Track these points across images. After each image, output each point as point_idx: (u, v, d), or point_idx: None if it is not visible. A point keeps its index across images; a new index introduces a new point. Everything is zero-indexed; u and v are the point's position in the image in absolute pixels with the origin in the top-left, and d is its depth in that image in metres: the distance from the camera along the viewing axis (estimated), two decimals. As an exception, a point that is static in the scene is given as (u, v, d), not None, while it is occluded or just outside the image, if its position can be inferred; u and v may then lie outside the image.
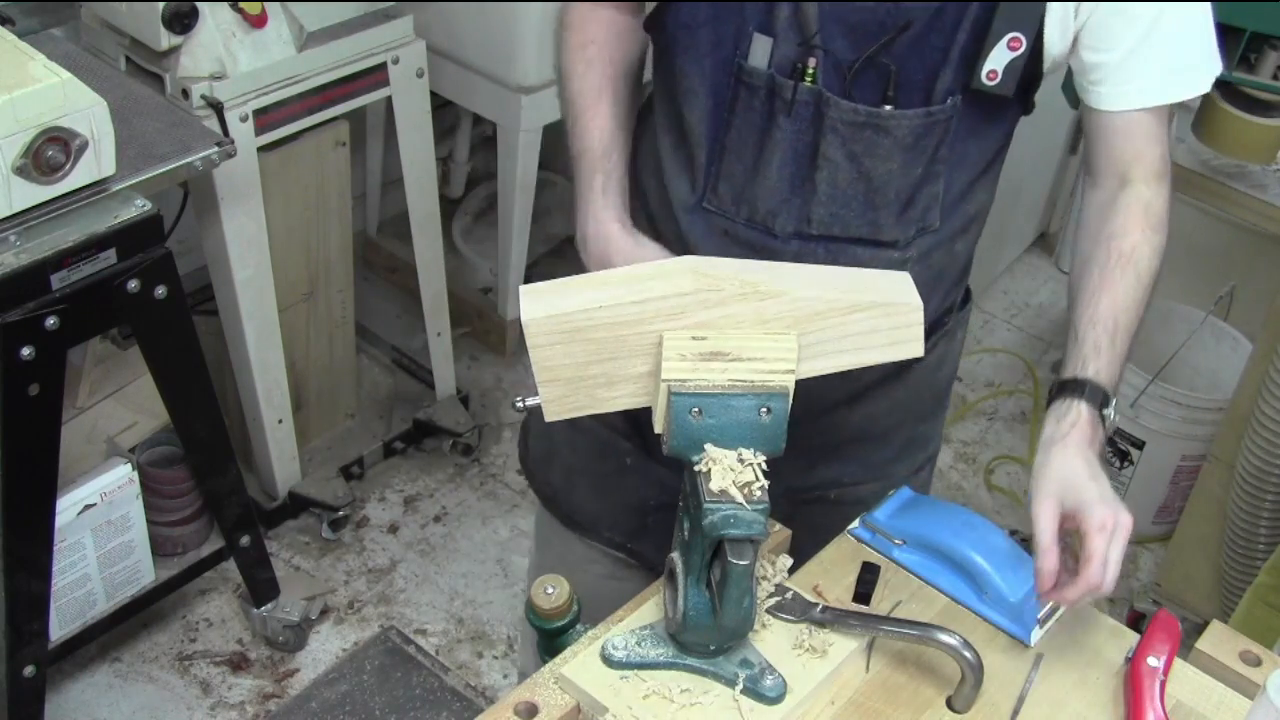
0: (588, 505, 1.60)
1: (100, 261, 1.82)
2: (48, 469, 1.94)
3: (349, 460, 2.77)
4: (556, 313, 1.15)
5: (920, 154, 1.30)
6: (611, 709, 1.17)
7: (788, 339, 1.15)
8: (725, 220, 1.36)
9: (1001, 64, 1.27)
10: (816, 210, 1.33)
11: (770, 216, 1.34)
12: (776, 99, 1.29)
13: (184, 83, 2.14)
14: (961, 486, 3.04)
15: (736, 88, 1.30)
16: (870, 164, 1.30)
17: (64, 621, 2.18)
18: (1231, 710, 1.25)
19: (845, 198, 1.32)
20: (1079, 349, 1.31)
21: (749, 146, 1.32)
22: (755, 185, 1.33)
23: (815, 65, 1.27)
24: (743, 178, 1.34)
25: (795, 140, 1.30)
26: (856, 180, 1.31)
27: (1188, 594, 2.59)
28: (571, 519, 1.62)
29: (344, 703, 2.43)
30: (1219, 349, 2.86)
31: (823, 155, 1.30)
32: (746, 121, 1.31)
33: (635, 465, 1.53)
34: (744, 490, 1.11)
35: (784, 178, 1.32)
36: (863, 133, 1.28)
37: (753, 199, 1.34)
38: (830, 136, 1.29)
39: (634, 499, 1.55)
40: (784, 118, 1.29)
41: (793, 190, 1.33)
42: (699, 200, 1.37)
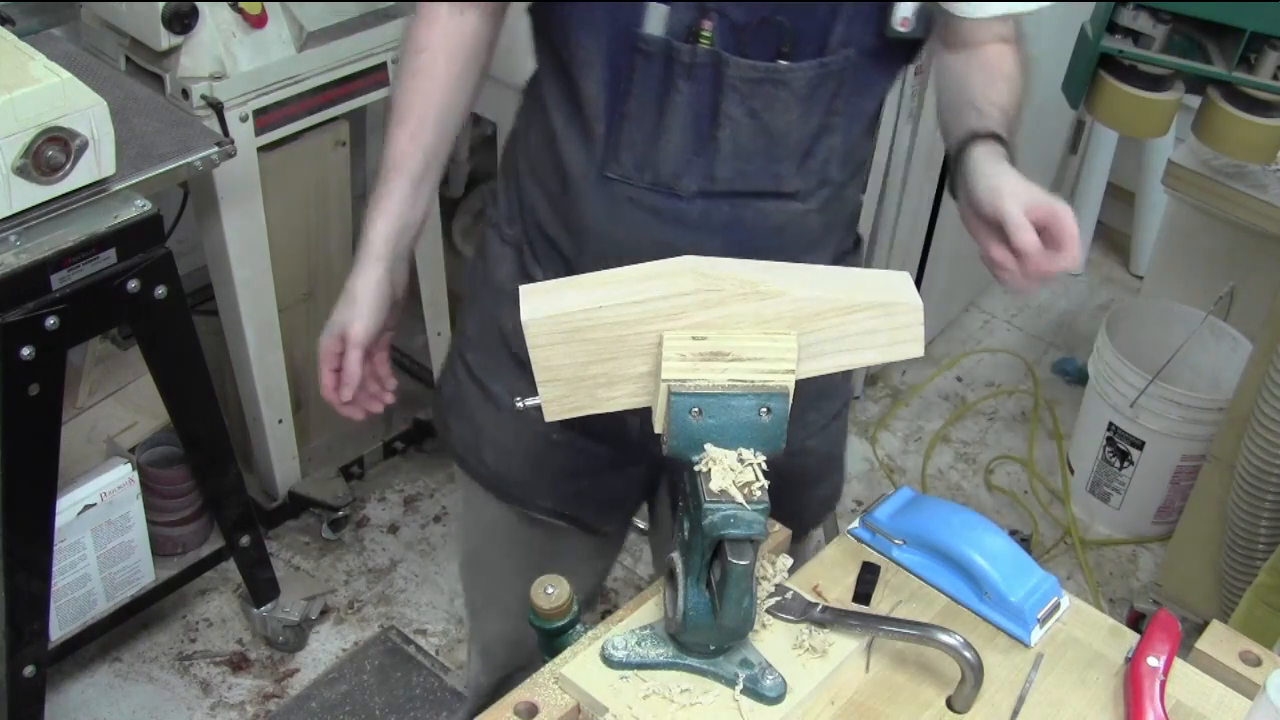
0: (522, 479, 1.62)
1: (100, 261, 1.83)
2: (48, 469, 1.94)
3: (349, 460, 2.77)
4: (556, 313, 1.15)
5: (816, 105, 1.34)
6: (611, 709, 1.17)
7: (788, 339, 1.15)
8: (628, 187, 1.38)
9: (912, 10, 1.31)
10: (720, 168, 1.35)
11: (674, 178, 1.36)
12: (675, 64, 1.31)
13: (184, 83, 2.14)
14: (961, 486, 3.04)
15: (633, 56, 1.32)
16: (769, 118, 1.33)
17: (64, 621, 2.18)
18: (1231, 710, 1.25)
19: (747, 153, 1.35)
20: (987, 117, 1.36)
21: (649, 112, 1.34)
22: (657, 149, 1.35)
23: (711, 28, 1.29)
24: (644, 143, 1.35)
25: (695, 102, 1.32)
26: (757, 135, 1.34)
27: (1188, 594, 2.59)
28: (507, 493, 1.65)
29: (344, 703, 2.43)
30: (1219, 349, 2.86)
31: (723, 113, 1.32)
32: (645, 88, 1.33)
33: (560, 439, 1.56)
34: (744, 490, 1.11)
35: (686, 139, 1.34)
36: (761, 88, 1.31)
37: (655, 163, 1.36)
38: (730, 94, 1.31)
39: (567, 468, 1.59)
40: (683, 81, 1.31)
41: (695, 151, 1.35)
42: (599, 170, 1.39)
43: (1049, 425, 3.23)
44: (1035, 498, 3.02)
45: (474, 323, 1.63)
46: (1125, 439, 2.82)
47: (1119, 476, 2.88)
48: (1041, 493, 3.04)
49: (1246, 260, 2.83)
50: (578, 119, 1.39)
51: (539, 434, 1.55)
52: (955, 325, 3.50)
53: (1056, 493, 3.04)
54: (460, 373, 1.64)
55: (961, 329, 3.50)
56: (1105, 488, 2.93)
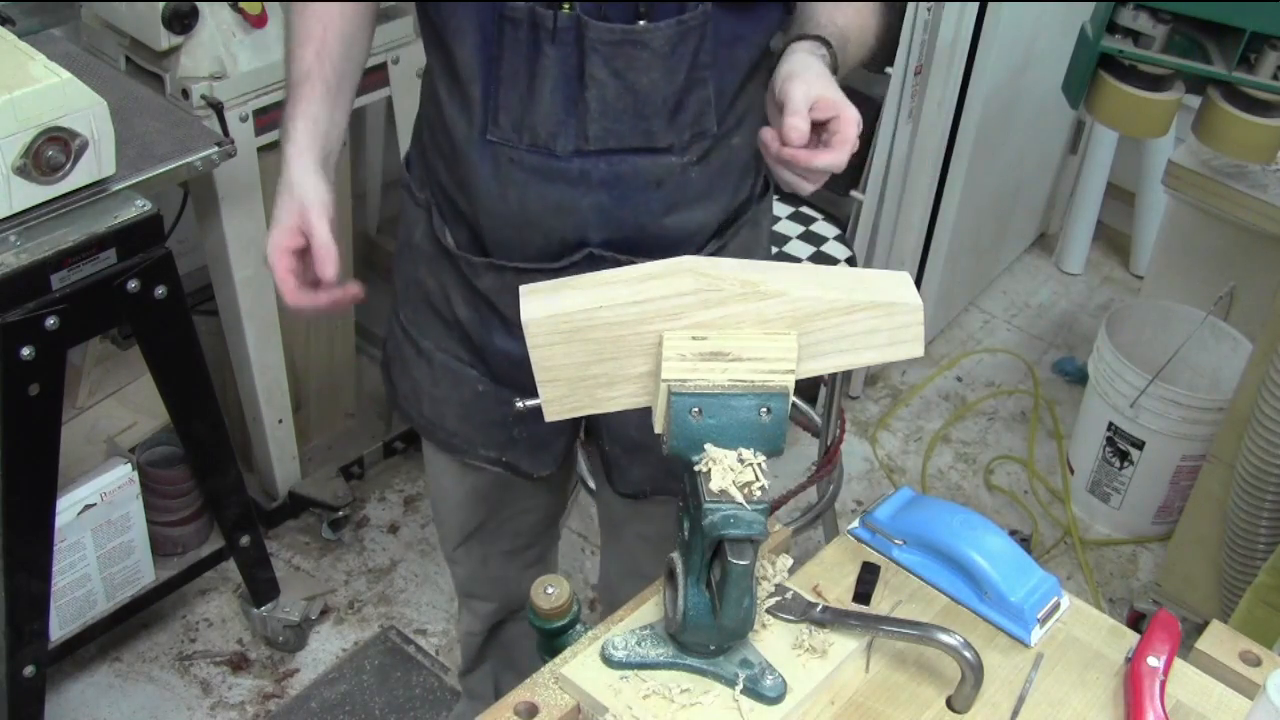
0: (459, 429, 1.68)
1: (100, 261, 1.83)
2: (48, 469, 1.94)
3: (349, 460, 2.77)
4: (556, 313, 1.15)
5: (680, 61, 1.37)
6: (611, 709, 1.17)
7: (788, 339, 1.15)
8: (509, 149, 1.42)
9: None
10: (591, 127, 1.39)
11: (551, 139, 1.40)
12: (540, 29, 1.35)
13: (184, 83, 2.14)
14: (961, 486, 3.04)
15: (501, 24, 1.36)
16: (633, 77, 1.37)
17: (64, 621, 2.18)
18: (1231, 710, 1.25)
19: (615, 112, 1.38)
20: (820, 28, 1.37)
21: (521, 76, 1.38)
22: (532, 112, 1.39)
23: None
24: (519, 106, 1.40)
25: (562, 65, 1.36)
26: (624, 94, 1.38)
27: (1188, 594, 2.59)
28: (449, 444, 1.71)
29: (344, 703, 2.43)
30: (1219, 349, 2.86)
31: (589, 75, 1.36)
32: (515, 53, 1.37)
33: (486, 390, 1.62)
34: (744, 490, 1.11)
35: (557, 101, 1.38)
36: (622, 49, 1.35)
37: (532, 125, 1.40)
38: (593, 57, 1.35)
39: (496, 417, 1.64)
40: (549, 45, 1.35)
41: (567, 112, 1.39)
42: (481, 133, 1.43)
43: (1049, 425, 3.23)
44: (1035, 498, 3.02)
45: (400, 281, 1.68)
46: (1125, 439, 2.82)
47: (1119, 476, 2.88)
48: (1041, 493, 3.04)
49: (1246, 260, 2.83)
50: (457, 86, 1.43)
51: (467, 385, 1.63)
52: (955, 325, 3.50)
53: (1056, 493, 3.04)
54: (396, 330, 1.70)
55: (961, 329, 3.50)
56: (1105, 488, 2.93)
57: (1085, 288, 3.70)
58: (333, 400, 2.79)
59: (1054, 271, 3.74)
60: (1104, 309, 3.53)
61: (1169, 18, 2.15)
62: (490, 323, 1.56)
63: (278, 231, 1.42)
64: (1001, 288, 3.65)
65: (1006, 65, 2.94)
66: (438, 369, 1.64)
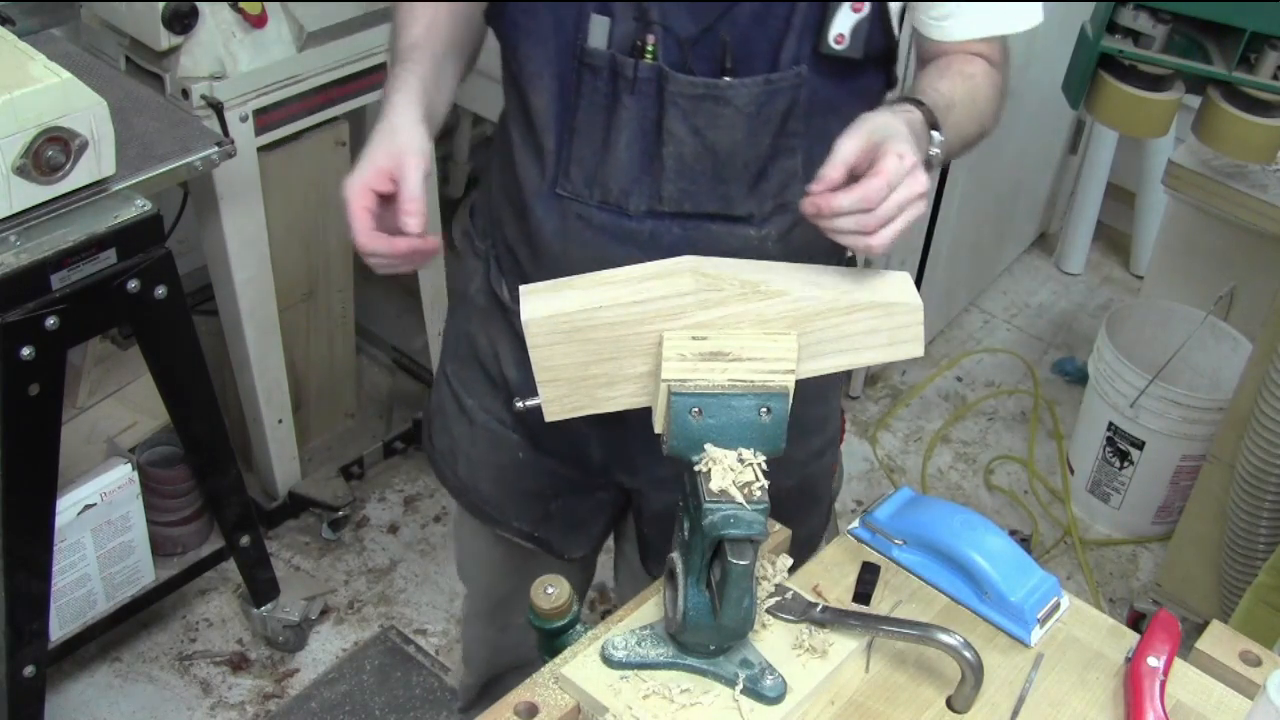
0: (492, 496, 1.61)
1: (100, 261, 1.82)
2: (48, 469, 1.94)
3: (349, 460, 2.77)
4: (557, 313, 1.15)
5: (765, 124, 1.30)
6: (611, 709, 1.17)
7: (788, 339, 1.15)
8: (579, 204, 1.35)
9: (847, 27, 1.26)
10: (666, 187, 1.32)
11: (623, 196, 1.33)
12: (619, 78, 1.28)
13: (184, 83, 2.14)
14: (961, 486, 3.04)
15: (580, 70, 1.30)
16: (714, 136, 1.30)
17: (64, 621, 2.18)
18: (1231, 710, 1.25)
19: (693, 172, 1.31)
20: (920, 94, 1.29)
21: (596, 128, 1.32)
22: (605, 166, 1.33)
23: (654, 42, 1.27)
24: (593, 160, 1.33)
25: (640, 118, 1.30)
26: (702, 154, 1.31)
27: (1188, 594, 2.59)
28: (481, 510, 1.63)
29: (344, 703, 2.43)
30: (1219, 349, 2.86)
31: (667, 130, 1.29)
32: (592, 103, 1.31)
33: (526, 458, 1.54)
34: (744, 490, 1.11)
35: (632, 156, 1.32)
36: (703, 104, 1.28)
37: (604, 180, 1.33)
38: (672, 110, 1.28)
39: (532, 488, 1.57)
40: (627, 96, 1.29)
41: (642, 168, 1.32)
42: (551, 186, 1.36)
43: (1049, 425, 3.23)
44: (1035, 498, 3.02)
45: (451, 331, 1.61)
46: (1125, 439, 2.82)
47: (1119, 476, 2.88)
48: (1041, 493, 3.03)
49: (1246, 260, 2.83)
50: (530, 134, 1.37)
51: (507, 451, 1.55)
52: (955, 325, 3.50)
53: (1056, 493, 3.04)
54: (441, 381, 1.63)
55: (961, 329, 3.50)
56: (1105, 488, 2.93)
57: (1085, 288, 3.70)
58: (333, 400, 2.79)
59: (1054, 271, 3.74)
60: (1104, 309, 3.53)
61: (1169, 18, 2.15)
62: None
63: (367, 169, 1.27)
64: (1001, 288, 3.65)
65: (1006, 65, 2.94)
66: (478, 429, 1.57)
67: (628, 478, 1.52)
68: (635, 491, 1.54)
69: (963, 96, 1.32)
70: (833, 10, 1.26)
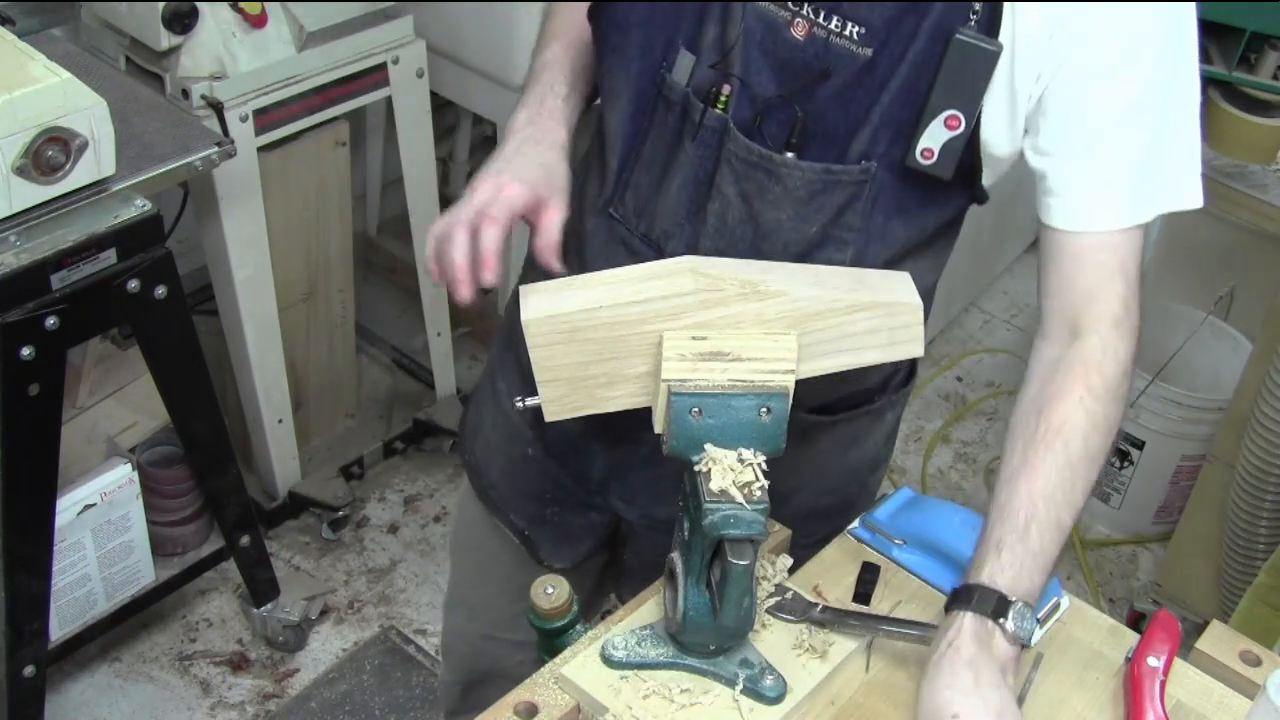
0: (499, 484, 1.60)
1: (100, 261, 1.82)
2: (48, 469, 1.94)
3: (349, 460, 2.77)
4: (557, 313, 1.15)
5: (817, 211, 1.23)
6: (611, 709, 1.17)
7: (788, 339, 1.15)
8: (625, 230, 1.32)
9: (938, 143, 1.17)
10: (704, 242, 1.27)
11: (664, 237, 1.29)
12: (687, 120, 1.24)
13: (184, 83, 2.14)
14: (961, 487, 3.04)
15: (656, 99, 1.26)
16: (760, 208, 1.24)
17: (64, 621, 2.18)
18: (1231, 710, 1.25)
19: (733, 236, 1.26)
20: (983, 546, 1.18)
21: (658, 162, 1.28)
22: (656, 202, 1.29)
23: (730, 93, 1.22)
24: (647, 191, 1.29)
25: (697, 166, 1.25)
26: (745, 222, 1.25)
27: (1188, 594, 2.59)
28: (487, 494, 1.62)
29: (344, 703, 2.43)
30: (1219, 349, 2.86)
31: (716, 187, 1.25)
32: (660, 135, 1.27)
33: (535, 456, 1.53)
34: (744, 490, 1.11)
35: (681, 201, 1.27)
36: (755, 173, 1.23)
37: (651, 215, 1.30)
38: (725, 170, 1.24)
39: (535, 488, 1.54)
40: (689, 141, 1.24)
41: (687, 216, 1.28)
42: (606, 204, 1.33)
43: (1049, 425, 3.22)
44: (1035, 498, 3.02)
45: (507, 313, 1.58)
46: (1125, 439, 2.82)
47: (1119, 476, 2.88)
48: (1041, 493, 3.03)
49: (1246, 260, 2.83)
50: (600, 149, 1.35)
51: (519, 445, 1.53)
52: (955, 325, 3.50)
53: (1056, 493, 3.03)
54: (491, 358, 1.62)
55: (961, 329, 3.50)
56: (1105, 488, 2.93)
57: (1085, 288, 3.70)
58: (333, 400, 2.79)
59: (1054, 271, 3.73)
60: (1104, 309, 3.53)
61: (1169, 18, 2.15)
62: None
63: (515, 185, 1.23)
64: (1002, 288, 3.65)
65: (1006, 65, 2.94)
66: (500, 415, 1.55)
67: (623, 505, 1.50)
68: (626, 522, 1.52)
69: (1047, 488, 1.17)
70: (925, 122, 1.16)
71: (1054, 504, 1.17)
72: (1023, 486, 1.17)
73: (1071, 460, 1.18)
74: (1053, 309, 1.23)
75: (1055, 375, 1.21)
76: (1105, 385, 1.20)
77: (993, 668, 1.12)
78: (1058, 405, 1.19)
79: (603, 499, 1.50)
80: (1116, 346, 1.21)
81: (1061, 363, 1.21)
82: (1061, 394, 1.19)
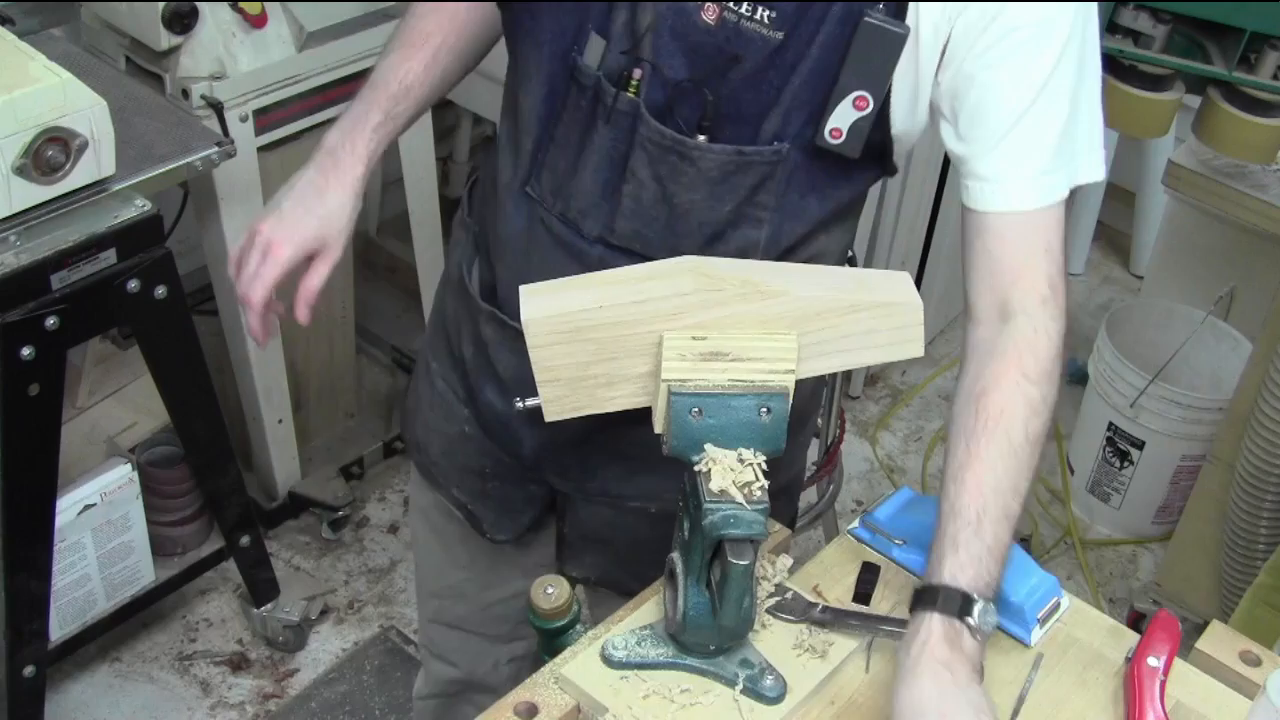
0: (439, 461, 1.61)
1: (100, 261, 1.83)
2: (48, 469, 1.94)
3: (349, 460, 2.77)
4: (556, 313, 1.15)
5: (730, 192, 1.24)
6: (611, 709, 1.17)
7: (788, 339, 1.15)
8: (542, 210, 1.33)
9: (846, 123, 1.20)
10: (620, 222, 1.29)
11: (580, 217, 1.31)
12: (600, 103, 1.25)
13: (184, 83, 2.14)
14: (961, 486, 3.04)
15: (569, 83, 1.27)
16: (674, 189, 1.25)
17: (64, 621, 2.18)
18: (1231, 710, 1.25)
19: (648, 216, 1.27)
20: (939, 544, 1.18)
21: (572, 143, 1.29)
22: (572, 183, 1.30)
23: (640, 78, 1.23)
24: (563, 172, 1.31)
25: (611, 149, 1.26)
26: (659, 203, 1.27)
27: (1188, 594, 2.59)
28: (428, 471, 1.63)
29: (344, 703, 2.43)
30: (1219, 349, 2.86)
31: (630, 169, 1.26)
32: (573, 118, 1.28)
33: (471, 434, 1.54)
34: (744, 490, 1.11)
35: (596, 182, 1.29)
36: (668, 156, 1.24)
37: (567, 195, 1.31)
38: (639, 153, 1.25)
39: (474, 464, 1.56)
40: (603, 124, 1.25)
41: (602, 196, 1.29)
42: (522, 184, 1.35)
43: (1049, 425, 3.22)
44: (1035, 498, 3.02)
45: (437, 296, 1.62)
46: (1125, 439, 2.82)
47: (1119, 476, 2.88)
48: (1041, 493, 3.03)
49: (1246, 260, 2.83)
50: (515, 130, 1.36)
51: (456, 424, 1.56)
52: (955, 325, 3.50)
53: (1056, 493, 3.04)
54: (424, 341, 1.65)
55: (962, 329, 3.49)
56: (1105, 488, 2.93)
57: (1085, 288, 3.70)
58: (333, 400, 2.79)
59: (1054, 271, 3.73)
60: (1104, 309, 3.53)
61: (1169, 18, 2.15)
62: (485, 372, 1.47)
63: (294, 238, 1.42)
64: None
65: (1006, 65, 2.94)
66: (436, 395, 1.58)
67: (558, 479, 1.51)
68: (562, 495, 1.53)
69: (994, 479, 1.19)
70: (833, 102, 1.19)
71: (1002, 494, 1.18)
72: (970, 480, 1.19)
73: (1014, 448, 1.19)
74: (980, 291, 1.24)
75: (990, 361, 1.22)
76: (1040, 367, 1.21)
77: (967, 667, 1.13)
78: (995, 392, 1.21)
79: (535, 471, 1.51)
80: (1048, 326, 1.22)
81: (995, 347, 1.22)
82: (998, 380, 1.21)
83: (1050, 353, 1.22)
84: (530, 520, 1.58)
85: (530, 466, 1.50)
